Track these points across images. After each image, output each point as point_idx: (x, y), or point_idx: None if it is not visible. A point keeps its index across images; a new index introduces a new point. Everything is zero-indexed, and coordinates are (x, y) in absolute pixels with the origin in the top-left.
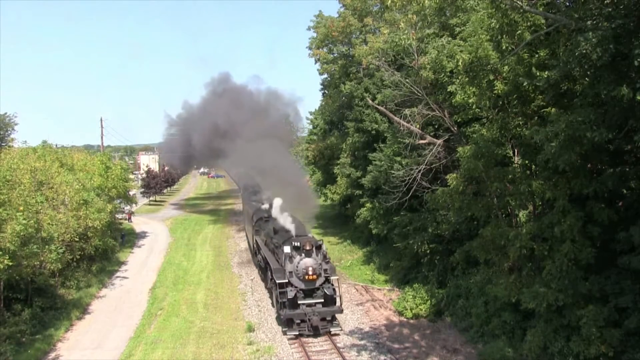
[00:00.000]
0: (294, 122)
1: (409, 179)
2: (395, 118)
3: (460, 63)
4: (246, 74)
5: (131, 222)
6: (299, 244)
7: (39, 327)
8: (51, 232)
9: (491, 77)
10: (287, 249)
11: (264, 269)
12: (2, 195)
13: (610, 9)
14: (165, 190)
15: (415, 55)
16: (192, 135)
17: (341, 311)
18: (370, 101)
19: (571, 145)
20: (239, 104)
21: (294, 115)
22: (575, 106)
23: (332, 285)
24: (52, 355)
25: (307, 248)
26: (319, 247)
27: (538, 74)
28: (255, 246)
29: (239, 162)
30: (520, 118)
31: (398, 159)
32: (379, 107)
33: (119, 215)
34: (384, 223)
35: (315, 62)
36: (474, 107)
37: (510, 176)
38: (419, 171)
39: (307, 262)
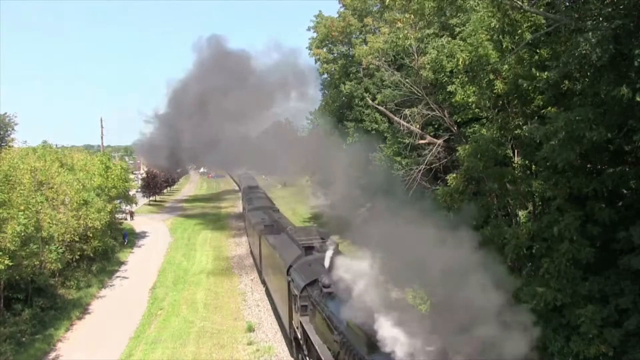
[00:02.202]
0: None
1: (409, 179)
2: (395, 118)
3: (460, 62)
4: None
5: (133, 220)
6: None
7: (39, 327)
8: (51, 232)
9: (491, 77)
10: None
11: None
12: (3, 195)
13: (610, 9)
14: (165, 191)
15: (415, 55)
16: (177, 127)
17: None
18: (370, 101)
19: (570, 144)
20: (235, 78)
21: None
22: (574, 105)
23: None
24: (52, 355)
25: None
26: None
27: (538, 74)
28: (299, 331)
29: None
30: (520, 118)
31: (398, 159)
32: (379, 107)
33: (120, 215)
34: None
35: (315, 62)
36: (473, 106)
37: (510, 176)
38: (419, 171)
39: None
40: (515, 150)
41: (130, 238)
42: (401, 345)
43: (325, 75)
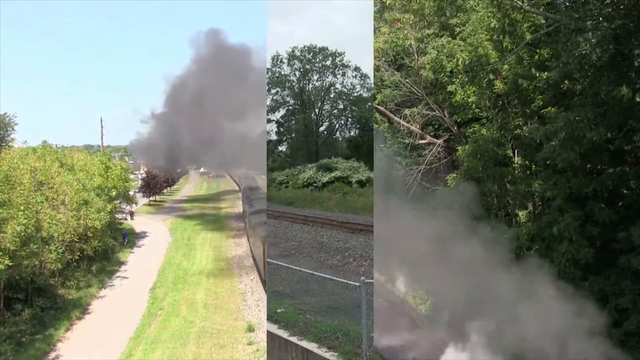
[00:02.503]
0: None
1: (409, 179)
2: (395, 118)
3: (460, 62)
4: None
5: (132, 220)
6: None
7: (39, 327)
8: (51, 232)
9: (491, 77)
10: None
11: None
12: (3, 195)
13: (610, 9)
14: (165, 191)
15: (415, 55)
16: (175, 126)
17: None
18: None
19: (570, 144)
20: (235, 75)
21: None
22: (574, 105)
23: None
24: (52, 355)
25: None
26: None
27: (538, 74)
28: None
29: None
30: (520, 118)
31: (398, 159)
32: (379, 107)
33: (120, 215)
34: None
35: None
36: (473, 106)
37: (510, 176)
38: (419, 171)
39: None
40: (515, 150)
41: (130, 238)
42: None
43: None
